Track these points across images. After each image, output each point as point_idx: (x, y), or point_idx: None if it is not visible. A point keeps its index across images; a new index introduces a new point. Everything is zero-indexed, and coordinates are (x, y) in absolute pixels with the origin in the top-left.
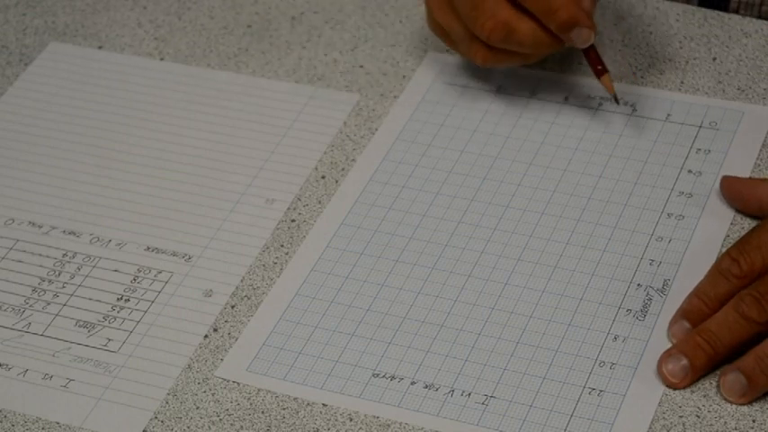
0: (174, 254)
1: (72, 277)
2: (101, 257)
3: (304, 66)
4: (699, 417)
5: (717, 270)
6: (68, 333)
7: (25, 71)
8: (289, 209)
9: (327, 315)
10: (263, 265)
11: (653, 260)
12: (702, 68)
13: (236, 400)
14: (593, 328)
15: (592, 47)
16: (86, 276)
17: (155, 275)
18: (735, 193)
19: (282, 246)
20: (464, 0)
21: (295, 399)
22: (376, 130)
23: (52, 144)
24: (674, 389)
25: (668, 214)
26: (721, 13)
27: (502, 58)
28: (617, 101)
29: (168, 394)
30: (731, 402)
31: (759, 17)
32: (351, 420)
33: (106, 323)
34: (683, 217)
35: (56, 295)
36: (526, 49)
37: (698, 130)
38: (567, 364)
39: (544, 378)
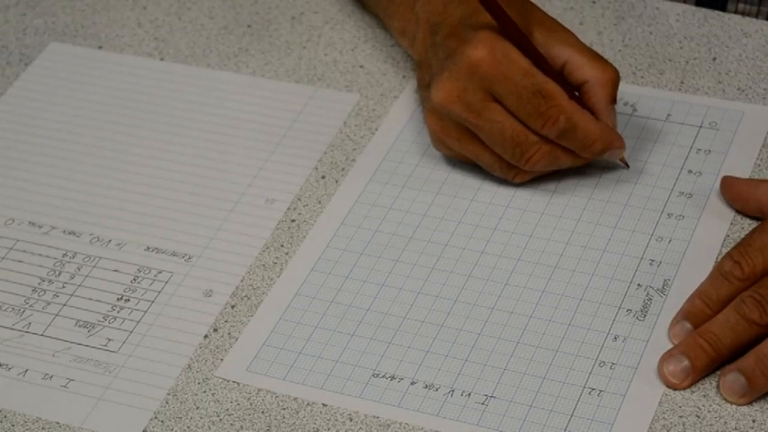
0: (174, 254)
1: (72, 277)
2: (101, 257)
3: (304, 66)
4: (699, 417)
5: (718, 272)
6: (68, 333)
7: (25, 71)
8: (289, 209)
9: (327, 315)
10: (263, 265)
11: (653, 260)
12: (702, 68)
13: (236, 400)
14: (593, 328)
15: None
16: (86, 276)
17: (155, 275)
18: (735, 193)
19: (282, 246)
20: (499, 137)
21: (295, 399)
22: (376, 130)
23: (52, 144)
24: (675, 390)
25: (668, 214)
26: (721, 13)
27: (537, 173)
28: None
29: (168, 394)
30: (731, 403)
31: (758, 15)
32: (351, 420)
33: (106, 323)
34: (683, 217)
35: (56, 295)
36: (563, 168)
37: (698, 130)
38: (567, 364)
39: (544, 378)
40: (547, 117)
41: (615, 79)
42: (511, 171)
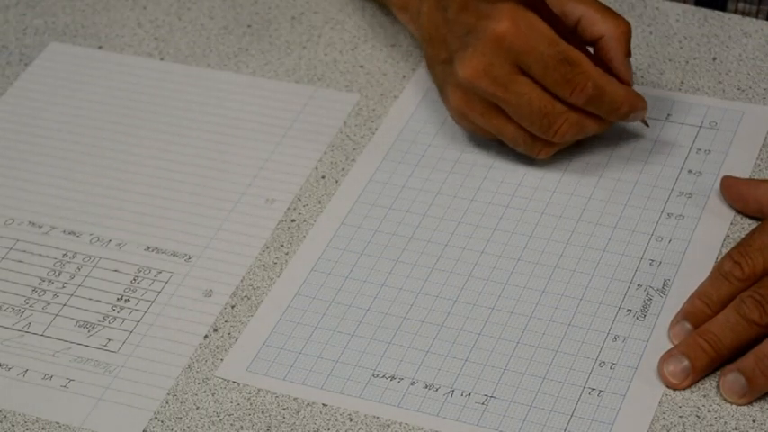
0: (174, 254)
1: (72, 277)
2: (101, 257)
3: (304, 66)
4: (699, 417)
5: (718, 272)
6: (68, 333)
7: (25, 71)
8: (289, 209)
9: (327, 315)
10: (263, 265)
11: (653, 260)
12: (702, 68)
13: (236, 400)
14: (593, 328)
15: None
16: (86, 276)
17: (155, 275)
18: (735, 193)
19: (282, 246)
20: (527, 109)
21: (295, 399)
22: (376, 130)
23: (52, 144)
24: (675, 390)
25: (668, 214)
26: (721, 13)
27: (561, 147)
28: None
29: (168, 394)
30: (731, 403)
31: (758, 15)
32: (351, 420)
33: (106, 323)
34: (683, 217)
35: (56, 295)
36: (588, 135)
37: (698, 130)
38: (567, 364)
39: (544, 378)
40: (575, 84)
41: (629, 32)
42: (536, 145)
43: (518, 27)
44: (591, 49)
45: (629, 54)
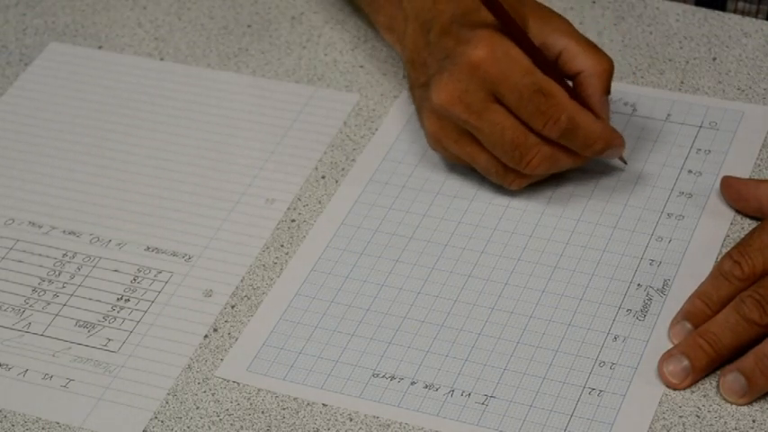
0: (174, 254)
1: (72, 277)
2: (101, 257)
3: (304, 66)
4: (699, 417)
5: (718, 272)
6: (68, 333)
7: (25, 71)
8: (289, 209)
9: (327, 315)
10: (263, 265)
11: (653, 260)
12: (702, 68)
13: (236, 400)
14: (593, 328)
15: None
16: (86, 276)
17: (155, 275)
18: (735, 193)
19: (282, 246)
20: (499, 139)
21: (295, 399)
22: (376, 130)
23: (52, 144)
24: (675, 390)
25: (668, 214)
26: (721, 13)
27: (535, 178)
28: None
29: (168, 394)
30: (731, 403)
31: (757, 14)
32: (351, 420)
33: (106, 323)
34: (683, 217)
35: (56, 295)
36: (562, 170)
37: (698, 130)
38: (567, 364)
39: (544, 378)
40: (548, 116)
41: (610, 70)
42: (508, 176)
43: (494, 55)
44: (571, 83)
45: (607, 92)
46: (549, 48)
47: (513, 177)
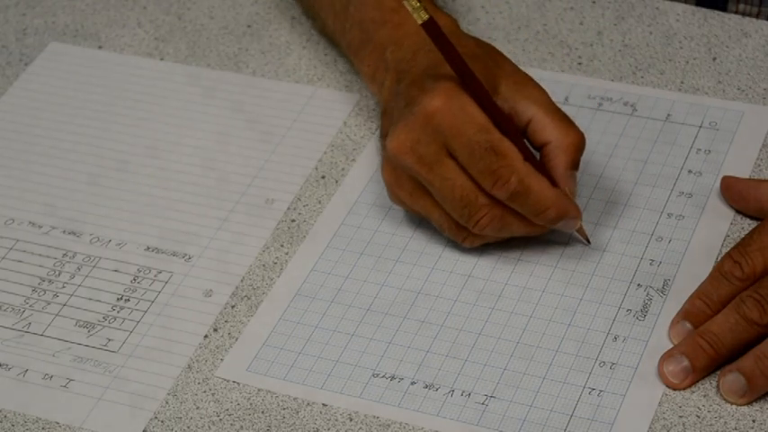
0: (174, 254)
1: (72, 277)
2: (101, 257)
3: (304, 66)
4: (699, 417)
5: (718, 272)
6: (68, 333)
7: (25, 71)
8: (289, 209)
9: (327, 315)
10: (263, 265)
11: (653, 260)
12: (702, 68)
13: (236, 400)
14: (593, 328)
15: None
16: (86, 276)
17: (155, 275)
18: (735, 193)
19: (282, 246)
20: (449, 194)
21: (295, 399)
22: (376, 130)
23: (52, 144)
24: (675, 390)
25: (668, 214)
26: (721, 13)
27: (489, 239)
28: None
29: (168, 394)
30: (731, 403)
31: (758, 16)
32: (351, 420)
33: (106, 323)
34: (683, 217)
35: (56, 295)
36: (516, 235)
37: (698, 130)
38: (567, 364)
39: (544, 378)
40: (498, 176)
41: (578, 144)
42: (461, 233)
43: (450, 107)
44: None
45: (575, 167)
46: (518, 114)
47: (464, 235)
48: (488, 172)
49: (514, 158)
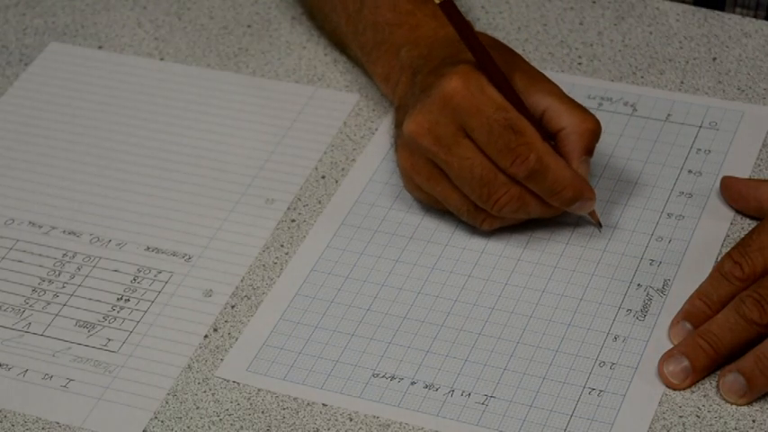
0: (174, 254)
1: (72, 277)
2: (101, 257)
3: (304, 66)
4: (699, 417)
5: (718, 272)
6: (68, 333)
7: (25, 71)
8: (289, 209)
9: (327, 315)
10: (263, 265)
11: (653, 260)
12: (702, 68)
13: (236, 400)
14: (593, 328)
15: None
16: (86, 276)
17: (155, 275)
18: (735, 193)
19: (282, 246)
20: (468, 175)
21: (295, 399)
22: (376, 130)
23: (52, 144)
24: (675, 390)
25: (668, 214)
26: (721, 13)
27: (507, 221)
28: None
29: (168, 394)
30: (731, 403)
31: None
32: (351, 420)
33: (106, 323)
34: (683, 217)
35: (56, 295)
36: (532, 217)
37: (698, 130)
38: (567, 364)
39: (544, 378)
40: (517, 154)
41: (594, 130)
42: (479, 216)
43: (468, 87)
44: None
45: (589, 152)
46: (533, 106)
47: (483, 217)
48: (507, 150)
49: (533, 137)
